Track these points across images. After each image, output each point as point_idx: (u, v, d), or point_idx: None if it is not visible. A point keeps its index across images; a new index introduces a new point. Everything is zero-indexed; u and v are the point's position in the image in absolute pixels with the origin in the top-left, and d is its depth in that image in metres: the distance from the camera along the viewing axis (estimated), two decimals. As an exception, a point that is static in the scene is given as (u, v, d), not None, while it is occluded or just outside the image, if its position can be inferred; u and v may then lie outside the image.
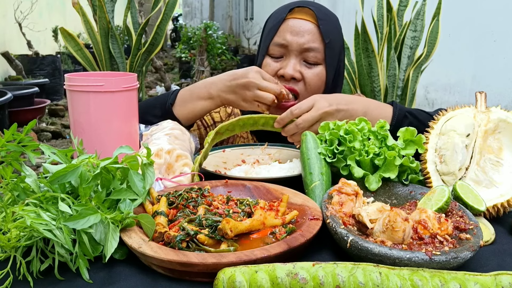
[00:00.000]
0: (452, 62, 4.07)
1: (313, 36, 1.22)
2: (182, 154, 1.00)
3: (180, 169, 0.98)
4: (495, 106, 0.95)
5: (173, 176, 0.96)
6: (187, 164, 0.99)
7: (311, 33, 1.22)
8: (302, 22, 1.23)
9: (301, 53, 1.23)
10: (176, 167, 0.98)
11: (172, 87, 6.57)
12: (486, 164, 0.91)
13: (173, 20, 15.64)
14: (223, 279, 0.59)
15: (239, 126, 1.12)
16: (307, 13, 1.24)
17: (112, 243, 0.67)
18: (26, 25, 6.26)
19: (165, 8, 4.02)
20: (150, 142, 1.02)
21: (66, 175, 0.68)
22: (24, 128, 0.74)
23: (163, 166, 0.97)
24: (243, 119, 1.10)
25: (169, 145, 0.99)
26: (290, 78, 1.23)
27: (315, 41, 1.22)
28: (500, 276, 0.59)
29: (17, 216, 0.65)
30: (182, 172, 0.97)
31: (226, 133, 1.11)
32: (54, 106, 5.76)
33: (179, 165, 0.98)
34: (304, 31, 1.22)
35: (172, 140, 1.03)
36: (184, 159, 0.99)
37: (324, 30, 1.22)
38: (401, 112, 1.15)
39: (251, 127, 1.15)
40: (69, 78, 0.99)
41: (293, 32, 1.22)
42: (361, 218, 0.73)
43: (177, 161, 0.99)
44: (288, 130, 1.09)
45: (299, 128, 1.07)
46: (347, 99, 1.12)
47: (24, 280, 0.63)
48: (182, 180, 0.96)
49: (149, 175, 0.79)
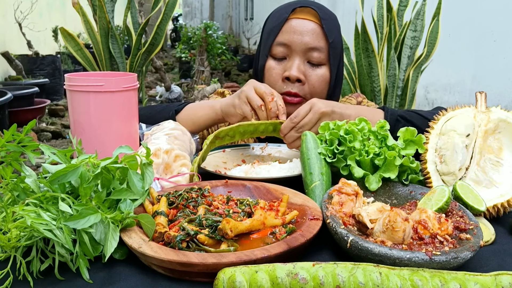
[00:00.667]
0: (452, 62, 4.07)
1: (317, 36, 1.23)
2: (181, 155, 0.99)
3: (178, 169, 0.98)
4: (495, 106, 0.95)
5: (171, 176, 0.96)
6: (185, 165, 0.99)
7: (315, 33, 1.22)
8: (305, 22, 1.23)
9: (305, 53, 1.23)
10: (174, 167, 0.98)
11: (172, 87, 6.57)
12: (486, 164, 0.91)
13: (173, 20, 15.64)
14: (223, 279, 0.59)
15: (239, 133, 1.13)
16: (309, 13, 1.24)
17: (112, 243, 0.67)
18: (26, 25, 6.26)
19: (165, 8, 4.02)
20: (149, 142, 1.02)
21: (66, 175, 0.68)
22: (24, 128, 0.74)
23: (161, 166, 0.96)
24: (243, 125, 1.12)
25: (167, 145, 0.99)
26: (295, 80, 1.23)
27: (319, 41, 1.23)
28: (500, 276, 0.59)
29: (17, 216, 0.65)
30: (180, 172, 0.97)
31: (226, 138, 1.13)
32: (54, 106, 5.76)
33: (177, 165, 0.98)
34: (307, 31, 1.22)
35: (171, 140, 1.03)
36: (183, 160, 0.99)
37: (327, 30, 1.22)
38: (392, 116, 1.17)
39: (251, 134, 1.16)
40: (69, 78, 0.99)
41: (296, 32, 1.22)
42: (361, 218, 0.73)
43: (175, 161, 0.99)
44: (289, 136, 1.11)
45: (299, 132, 1.09)
46: (341, 105, 1.15)
47: (24, 280, 0.63)
48: (179, 180, 0.96)
49: (148, 175, 0.79)
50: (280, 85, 1.25)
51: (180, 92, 6.64)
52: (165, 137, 1.03)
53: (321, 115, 1.09)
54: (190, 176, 0.97)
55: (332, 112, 1.10)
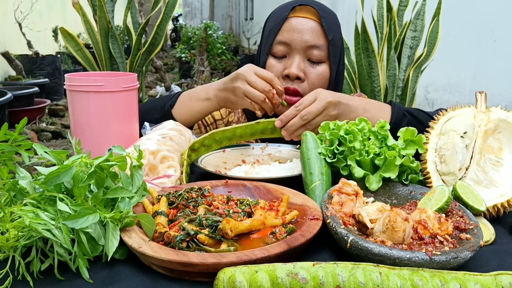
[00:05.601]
0: (452, 62, 4.07)
1: (316, 33, 1.23)
2: (168, 156, 0.98)
3: (164, 171, 0.97)
4: (495, 106, 0.95)
5: (154, 177, 0.95)
6: (172, 166, 0.98)
7: (315, 30, 1.23)
8: (305, 20, 1.24)
9: (305, 51, 1.23)
10: (160, 169, 0.97)
11: (172, 87, 6.57)
12: (486, 164, 0.91)
13: (173, 20, 15.64)
14: (223, 279, 0.59)
15: (236, 137, 1.12)
16: (309, 11, 1.25)
17: (112, 242, 0.67)
18: (26, 25, 6.26)
19: (165, 8, 4.02)
20: (139, 142, 1.02)
21: (59, 176, 0.67)
22: (16, 127, 0.73)
23: (146, 166, 0.95)
24: (241, 127, 1.11)
25: (154, 146, 0.97)
26: (294, 78, 1.23)
27: (319, 39, 1.23)
28: (500, 276, 0.59)
29: (15, 216, 0.65)
30: (166, 174, 0.96)
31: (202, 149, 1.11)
32: (54, 106, 5.76)
33: (164, 167, 0.97)
34: (307, 29, 1.23)
35: (163, 142, 1.02)
36: (170, 161, 0.98)
37: (327, 27, 1.23)
38: (399, 111, 1.16)
39: (250, 136, 1.15)
40: (69, 78, 0.99)
41: (296, 30, 1.23)
42: (361, 218, 0.73)
43: (162, 162, 0.98)
44: (292, 124, 1.08)
45: (303, 120, 1.06)
46: (347, 96, 1.14)
47: (24, 280, 0.63)
48: (164, 182, 0.94)
49: (137, 177, 0.79)
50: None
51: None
52: (157, 138, 1.02)
53: (327, 104, 1.07)
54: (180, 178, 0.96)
55: (338, 102, 1.09)
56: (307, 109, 1.07)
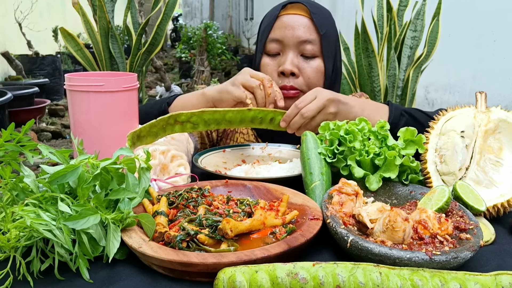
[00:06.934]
0: (452, 62, 4.07)
1: (308, 28, 1.25)
2: (177, 155, 0.99)
3: (175, 170, 0.98)
4: (495, 106, 0.95)
5: (168, 177, 0.96)
6: (182, 165, 0.99)
7: (306, 26, 1.25)
8: (296, 17, 1.26)
9: (298, 47, 1.25)
10: (171, 168, 0.98)
11: (172, 87, 6.57)
12: (486, 164, 0.91)
13: (173, 20, 15.63)
14: (223, 279, 0.59)
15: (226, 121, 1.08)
16: (300, 8, 1.27)
17: (113, 243, 0.67)
18: (26, 25, 6.25)
19: (165, 8, 4.02)
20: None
21: (65, 175, 0.68)
22: (22, 128, 0.74)
23: (158, 166, 0.96)
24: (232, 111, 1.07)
25: (163, 146, 0.98)
26: (289, 74, 1.25)
27: (311, 33, 1.25)
28: (500, 276, 0.59)
29: (17, 216, 0.65)
30: (177, 172, 0.97)
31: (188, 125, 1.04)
32: (54, 106, 5.76)
33: (174, 166, 0.98)
34: (299, 25, 1.25)
35: (168, 141, 1.03)
36: (180, 160, 0.99)
37: (318, 22, 1.25)
38: (397, 110, 1.18)
39: (239, 123, 1.10)
40: (69, 78, 0.99)
41: (288, 27, 1.25)
42: (361, 218, 0.73)
43: (172, 161, 0.98)
44: (293, 123, 1.10)
45: (304, 117, 1.07)
46: (345, 96, 1.16)
47: (24, 280, 0.63)
48: (177, 181, 0.95)
49: (144, 179, 0.79)
50: (276, 80, 1.27)
51: (180, 92, 6.64)
52: (162, 138, 1.03)
53: (327, 101, 1.08)
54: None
55: (338, 100, 1.10)
56: (307, 107, 1.08)
